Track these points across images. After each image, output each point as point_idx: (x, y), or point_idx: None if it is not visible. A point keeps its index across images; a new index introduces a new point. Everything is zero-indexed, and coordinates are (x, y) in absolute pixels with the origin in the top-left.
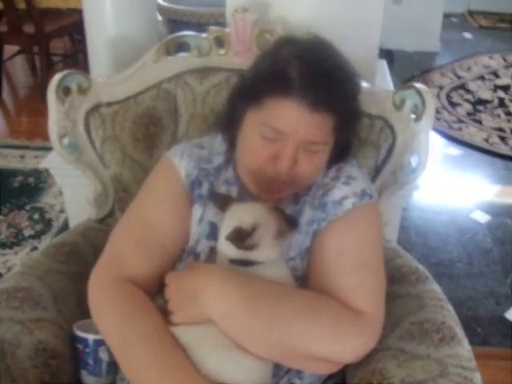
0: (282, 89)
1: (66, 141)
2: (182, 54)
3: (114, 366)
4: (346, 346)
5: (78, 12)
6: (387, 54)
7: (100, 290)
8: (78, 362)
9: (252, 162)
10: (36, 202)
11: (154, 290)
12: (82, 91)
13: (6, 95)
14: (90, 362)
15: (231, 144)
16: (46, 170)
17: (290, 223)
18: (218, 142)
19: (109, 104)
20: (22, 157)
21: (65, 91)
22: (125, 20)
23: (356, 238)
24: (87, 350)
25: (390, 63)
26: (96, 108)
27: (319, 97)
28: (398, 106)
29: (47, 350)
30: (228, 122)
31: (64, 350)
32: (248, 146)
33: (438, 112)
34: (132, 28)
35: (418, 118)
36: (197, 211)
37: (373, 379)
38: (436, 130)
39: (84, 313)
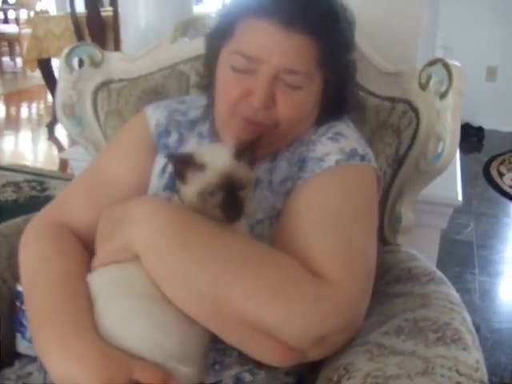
0: (254, 8)
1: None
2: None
3: None
4: (293, 312)
5: None
6: (476, 131)
7: (31, 231)
8: (14, 326)
9: (224, 103)
10: None
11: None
12: (95, 64)
13: None
14: (25, 322)
15: (211, 99)
16: None
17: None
18: (200, 99)
19: (120, 80)
20: None
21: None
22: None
23: (331, 195)
24: (24, 308)
25: (479, 141)
26: (107, 83)
27: (294, 13)
28: (423, 85)
29: None
30: (205, 70)
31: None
32: (220, 86)
33: None
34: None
35: (444, 95)
36: (159, 162)
37: (334, 375)
38: None
39: None
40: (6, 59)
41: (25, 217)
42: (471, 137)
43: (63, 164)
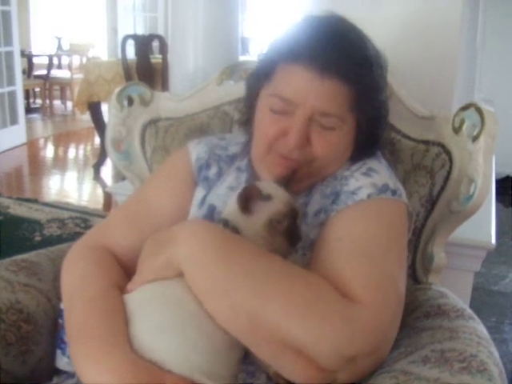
0: (291, 53)
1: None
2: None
3: None
4: (324, 330)
5: None
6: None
7: (74, 252)
8: (55, 342)
9: (262, 141)
10: None
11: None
12: (144, 103)
13: None
14: (66, 339)
15: (250, 136)
16: None
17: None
18: (240, 135)
19: (168, 119)
20: None
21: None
22: (205, 57)
23: (364, 225)
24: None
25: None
26: (155, 121)
27: (329, 60)
28: (457, 129)
29: (23, 312)
30: (245, 108)
31: (43, 322)
32: (258, 125)
33: None
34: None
35: (476, 138)
36: (199, 193)
37: None
38: None
39: None
40: (57, 102)
41: (69, 243)
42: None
43: (107, 203)
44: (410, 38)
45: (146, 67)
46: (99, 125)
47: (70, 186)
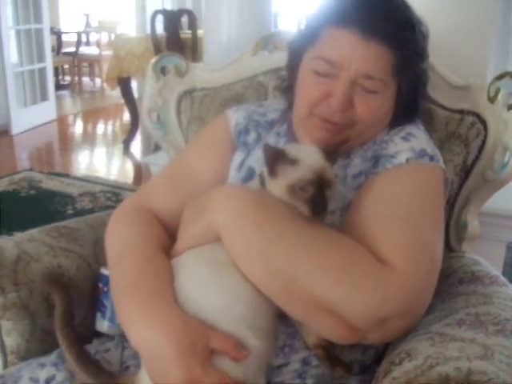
0: (337, 17)
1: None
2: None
3: None
4: (357, 292)
5: None
6: None
7: (119, 213)
8: (95, 306)
9: (304, 104)
10: None
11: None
12: (180, 73)
13: None
14: (107, 303)
15: (290, 103)
16: None
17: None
18: (278, 102)
19: (203, 89)
20: None
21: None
22: (239, 29)
23: (400, 189)
24: (105, 289)
25: None
26: (190, 92)
27: (375, 24)
28: (492, 98)
29: (64, 276)
30: (287, 74)
31: (83, 285)
32: (301, 88)
33: None
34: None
35: (511, 107)
36: (238, 157)
37: (396, 359)
38: None
39: None
40: (85, 79)
41: (108, 211)
42: None
43: (137, 177)
44: (444, 7)
45: (176, 42)
46: (129, 100)
47: (100, 161)
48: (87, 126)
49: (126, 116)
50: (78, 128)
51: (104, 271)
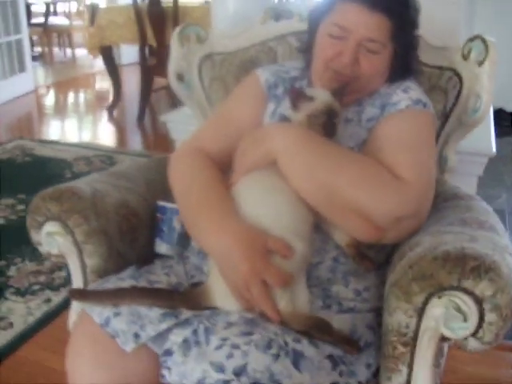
0: None
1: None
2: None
3: (184, 239)
4: (381, 198)
5: None
6: (509, 116)
7: (177, 155)
8: (154, 232)
9: (321, 60)
10: None
11: (227, 168)
12: (200, 40)
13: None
14: (165, 228)
15: (308, 62)
16: None
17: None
18: (296, 62)
19: (220, 54)
20: None
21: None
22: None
23: (404, 128)
24: (164, 218)
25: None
26: (209, 56)
27: (377, 0)
28: (466, 56)
29: (129, 207)
30: (307, 37)
31: (143, 216)
32: (319, 48)
33: None
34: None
35: (481, 63)
36: (271, 107)
37: (406, 248)
38: None
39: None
40: (55, 49)
41: (152, 158)
42: (504, 121)
43: (122, 141)
44: None
45: (158, 12)
46: (111, 68)
47: (85, 128)
48: (66, 95)
49: (100, 84)
50: (57, 97)
51: (161, 203)
